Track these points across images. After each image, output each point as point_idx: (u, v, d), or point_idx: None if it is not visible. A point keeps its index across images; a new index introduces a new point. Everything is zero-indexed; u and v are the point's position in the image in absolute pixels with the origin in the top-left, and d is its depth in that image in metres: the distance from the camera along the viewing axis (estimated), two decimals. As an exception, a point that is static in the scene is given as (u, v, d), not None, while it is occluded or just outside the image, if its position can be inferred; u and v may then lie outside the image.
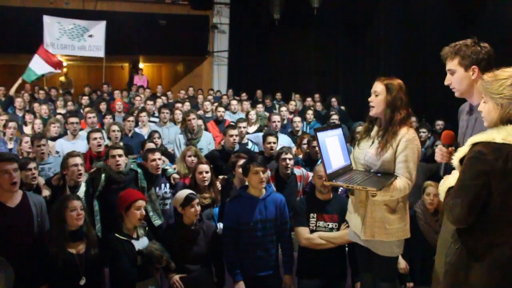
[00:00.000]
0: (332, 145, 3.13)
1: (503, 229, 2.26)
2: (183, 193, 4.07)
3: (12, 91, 10.29)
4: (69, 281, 3.60)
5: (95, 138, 5.65)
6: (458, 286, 2.37)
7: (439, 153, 2.85)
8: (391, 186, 3.01)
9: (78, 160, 4.57)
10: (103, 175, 4.60)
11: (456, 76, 2.76)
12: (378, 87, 3.19)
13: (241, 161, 4.76)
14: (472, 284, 2.31)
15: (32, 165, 4.51)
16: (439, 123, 8.19)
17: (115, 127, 6.57)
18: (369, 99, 3.24)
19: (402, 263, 4.36)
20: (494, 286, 2.27)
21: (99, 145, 5.64)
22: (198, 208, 4.01)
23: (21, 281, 3.46)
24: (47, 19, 12.99)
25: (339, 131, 3.30)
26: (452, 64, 2.77)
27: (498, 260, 2.26)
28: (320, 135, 3.04)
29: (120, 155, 4.67)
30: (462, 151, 2.38)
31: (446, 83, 2.85)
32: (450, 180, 2.44)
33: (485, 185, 2.24)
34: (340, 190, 4.71)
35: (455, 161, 2.42)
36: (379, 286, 3.35)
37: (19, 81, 10.58)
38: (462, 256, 2.37)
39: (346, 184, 2.94)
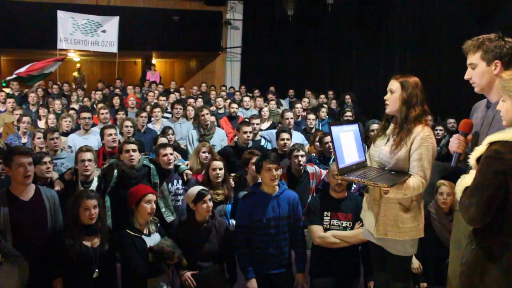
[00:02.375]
0: (346, 140, 3.08)
1: None
2: (195, 189, 4.05)
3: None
4: (83, 274, 3.61)
5: (110, 134, 5.66)
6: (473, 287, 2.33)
7: (456, 141, 2.78)
8: (404, 184, 2.96)
9: (88, 155, 4.55)
10: (115, 171, 4.61)
11: (477, 70, 2.70)
12: (394, 85, 3.14)
13: (255, 158, 4.73)
14: (487, 286, 2.28)
15: (46, 159, 4.55)
16: (451, 121, 8.08)
17: (128, 123, 6.57)
18: (385, 97, 3.20)
19: (415, 263, 4.30)
20: None
21: (114, 141, 5.65)
22: (210, 204, 3.99)
23: (36, 274, 3.48)
24: (61, 14, 13.15)
25: (355, 127, 3.26)
26: (473, 58, 2.70)
27: None
28: (334, 129, 3.01)
29: (134, 150, 4.69)
30: (479, 150, 2.35)
31: (466, 77, 2.77)
32: (467, 179, 2.40)
33: (501, 185, 2.21)
34: (353, 188, 4.67)
35: (472, 160, 2.39)
36: (393, 286, 3.32)
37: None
38: (477, 257, 2.35)
39: (357, 179, 2.90)
